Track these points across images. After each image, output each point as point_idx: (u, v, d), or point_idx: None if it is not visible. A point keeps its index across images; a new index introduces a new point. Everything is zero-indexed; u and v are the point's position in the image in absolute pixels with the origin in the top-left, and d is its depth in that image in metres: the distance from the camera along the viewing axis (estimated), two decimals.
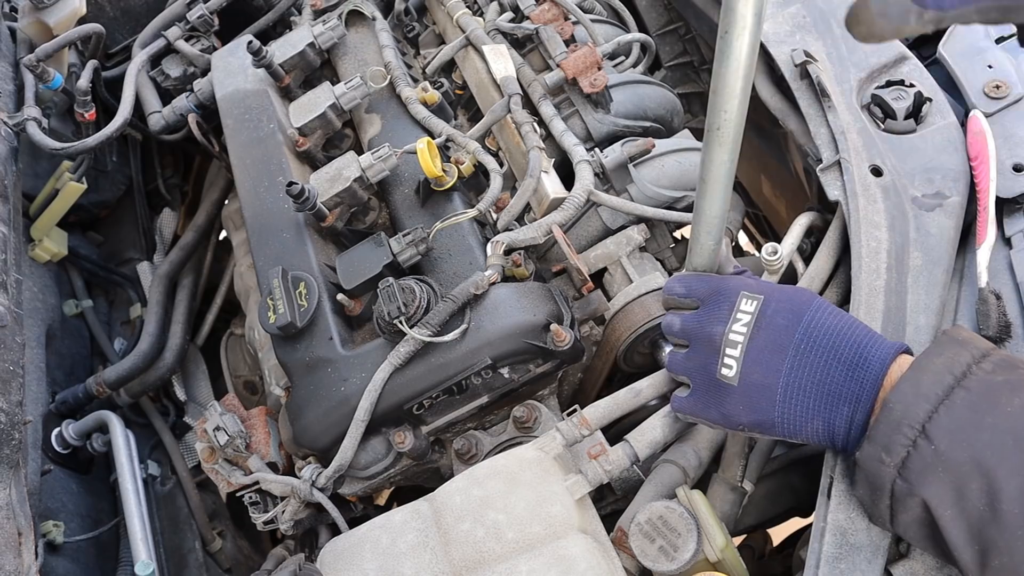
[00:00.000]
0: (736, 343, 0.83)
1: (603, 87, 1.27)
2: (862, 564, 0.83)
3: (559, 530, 0.90)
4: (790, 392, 0.80)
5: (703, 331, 0.86)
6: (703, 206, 0.83)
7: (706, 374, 0.85)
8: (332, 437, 1.09)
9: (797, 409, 0.80)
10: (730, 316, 0.85)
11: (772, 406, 0.81)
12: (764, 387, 0.81)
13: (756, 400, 0.82)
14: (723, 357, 0.83)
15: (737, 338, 0.83)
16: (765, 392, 0.81)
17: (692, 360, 0.88)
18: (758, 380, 0.81)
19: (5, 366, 1.20)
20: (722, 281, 0.89)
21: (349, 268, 1.17)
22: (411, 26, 1.59)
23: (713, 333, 0.85)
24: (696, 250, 0.90)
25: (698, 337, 0.87)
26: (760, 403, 0.81)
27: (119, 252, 1.94)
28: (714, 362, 0.84)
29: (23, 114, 1.51)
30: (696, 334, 0.87)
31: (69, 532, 1.40)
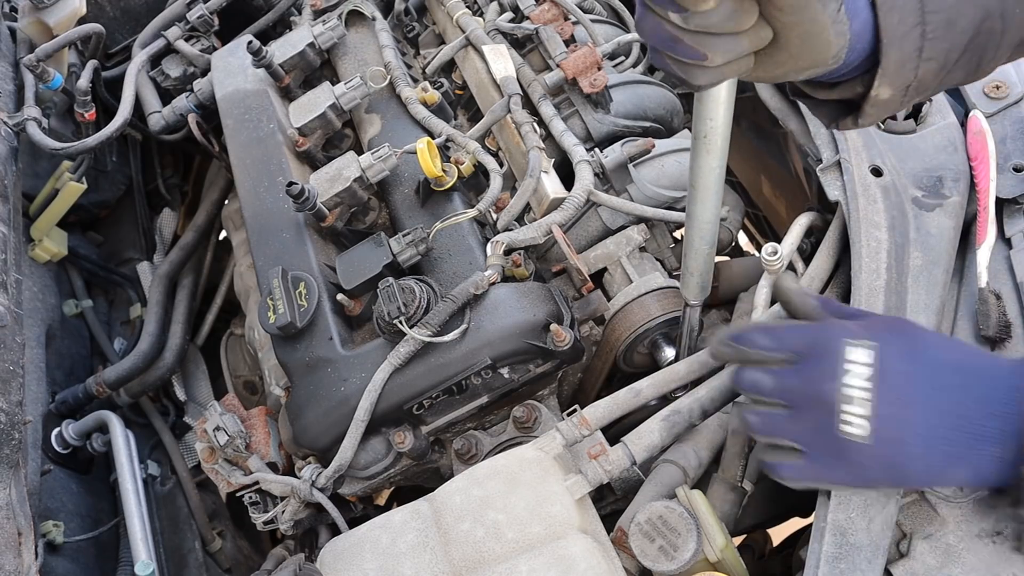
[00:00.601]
0: (852, 398, 0.76)
1: (603, 87, 1.27)
2: (862, 564, 0.83)
3: (559, 530, 0.90)
4: (930, 443, 0.74)
5: (810, 389, 0.78)
6: (696, 211, 0.83)
7: (825, 435, 0.77)
8: (332, 437, 1.09)
9: (939, 459, 0.75)
10: (838, 369, 0.77)
11: (912, 460, 0.75)
12: (900, 442, 0.75)
13: (893, 457, 0.75)
14: (840, 415, 0.76)
15: (854, 393, 0.76)
16: (902, 447, 0.75)
17: (801, 422, 0.79)
18: (893, 435, 0.75)
19: (5, 366, 1.20)
20: (819, 331, 0.82)
21: (349, 268, 1.17)
22: (411, 26, 1.59)
23: (823, 391, 0.77)
24: (691, 255, 0.90)
25: (804, 396, 0.79)
26: (898, 459, 0.75)
27: (119, 252, 1.94)
28: (831, 422, 0.77)
29: (23, 114, 1.51)
30: (801, 393, 0.79)
31: (69, 532, 1.40)
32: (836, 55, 0.64)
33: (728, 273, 1.53)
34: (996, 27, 0.70)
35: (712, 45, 0.61)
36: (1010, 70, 1.10)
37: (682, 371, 1.00)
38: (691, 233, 0.86)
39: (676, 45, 0.62)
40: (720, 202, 0.82)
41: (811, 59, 0.64)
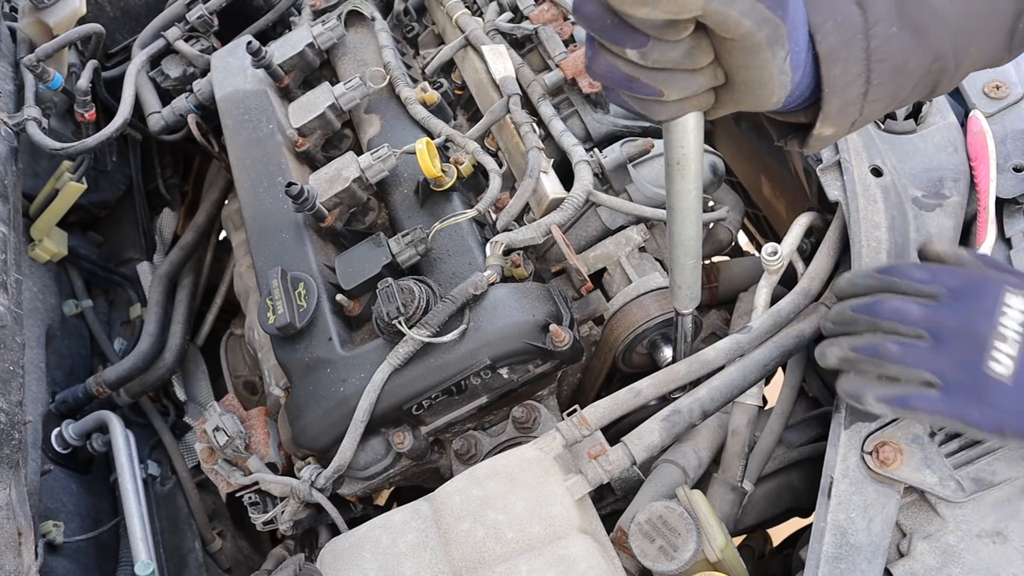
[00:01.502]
0: (1007, 337, 0.75)
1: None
2: (862, 564, 0.83)
3: (559, 530, 0.90)
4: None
5: (965, 323, 0.77)
6: (676, 231, 0.83)
7: (968, 371, 0.76)
8: (331, 437, 1.09)
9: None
10: (996, 309, 0.76)
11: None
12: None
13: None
14: (992, 350, 0.75)
15: (1008, 333, 0.75)
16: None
17: (946, 355, 0.77)
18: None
19: (5, 366, 1.20)
20: (979, 274, 0.81)
21: (348, 268, 1.17)
22: (410, 26, 1.59)
23: (978, 326, 0.76)
24: (677, 270, 0.90)
25: (956, 329, 0.77)
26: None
27: (119, 252, 1.94)
28: (978, 359, 0.75)
29: (23, 114, 1.51)
30: (952, 326, 0.77)
31: (69, 532, 1.40)
32: (776, 102, 0.66)
33: (728, 273, 1.53)
34: (949, 65, 0.71)
35: (669, 82, 0.61)
36: (1010, 70, 1.10)
37: (682, 371, 1.00)
38: (675, 251, 0.86)
39: (632, 84, 0.62)
40: (700, 221, 0.82)
41: (754, 103, 0.66)
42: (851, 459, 0.89)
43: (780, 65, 0.62)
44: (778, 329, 1.03)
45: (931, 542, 0.85)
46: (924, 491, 0.86)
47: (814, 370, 1.33)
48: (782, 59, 0.62)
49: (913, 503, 0.88)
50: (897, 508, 0.86)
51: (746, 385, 1.00)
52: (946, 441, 0.87)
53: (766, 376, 1.03)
